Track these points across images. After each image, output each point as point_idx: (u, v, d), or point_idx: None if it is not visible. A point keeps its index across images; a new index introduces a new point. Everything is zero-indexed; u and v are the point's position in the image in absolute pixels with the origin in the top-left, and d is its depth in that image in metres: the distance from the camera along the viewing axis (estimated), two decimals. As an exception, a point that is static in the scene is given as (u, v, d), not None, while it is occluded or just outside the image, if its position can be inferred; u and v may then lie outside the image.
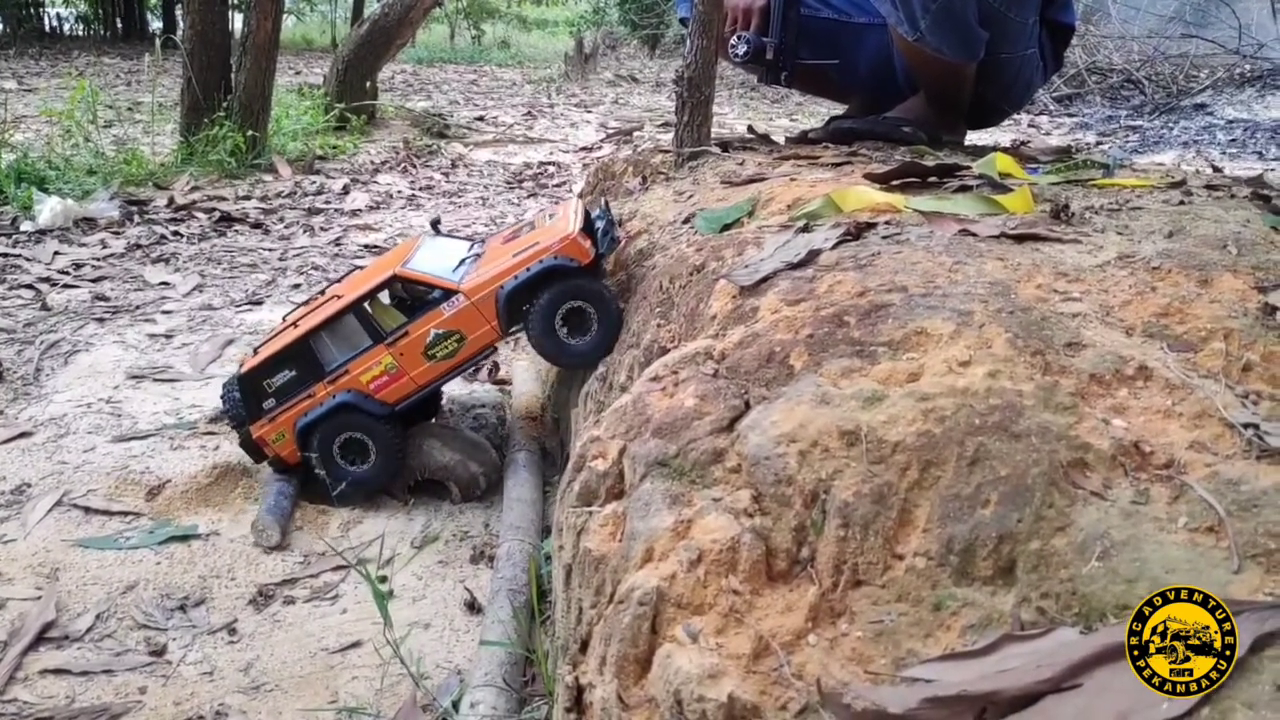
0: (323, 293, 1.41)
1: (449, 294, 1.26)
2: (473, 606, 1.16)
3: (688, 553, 0.63)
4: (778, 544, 0.64)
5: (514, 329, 1.30)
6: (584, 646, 0.69)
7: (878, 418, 0.65)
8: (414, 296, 1.34)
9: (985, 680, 0.49)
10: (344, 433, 1.31)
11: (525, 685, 0.95)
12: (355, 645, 1.09)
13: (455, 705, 0.96)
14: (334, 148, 4.12)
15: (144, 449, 1.50)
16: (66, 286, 2.27)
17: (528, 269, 1.23)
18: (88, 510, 1.33)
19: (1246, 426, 0.60)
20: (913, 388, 0.67)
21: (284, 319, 1.41)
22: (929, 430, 0.63)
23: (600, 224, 1.29)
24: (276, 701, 1.00)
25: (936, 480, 0.61)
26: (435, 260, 1.32)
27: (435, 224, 1.55)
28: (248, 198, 3.24)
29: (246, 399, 1.34)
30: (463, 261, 1.32)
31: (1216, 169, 1.63)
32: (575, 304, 1.23)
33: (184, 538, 1.28)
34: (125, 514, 1.33)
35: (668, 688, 0.58)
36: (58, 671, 1.02)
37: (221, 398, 1.40)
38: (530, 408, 1.65)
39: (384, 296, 1.37)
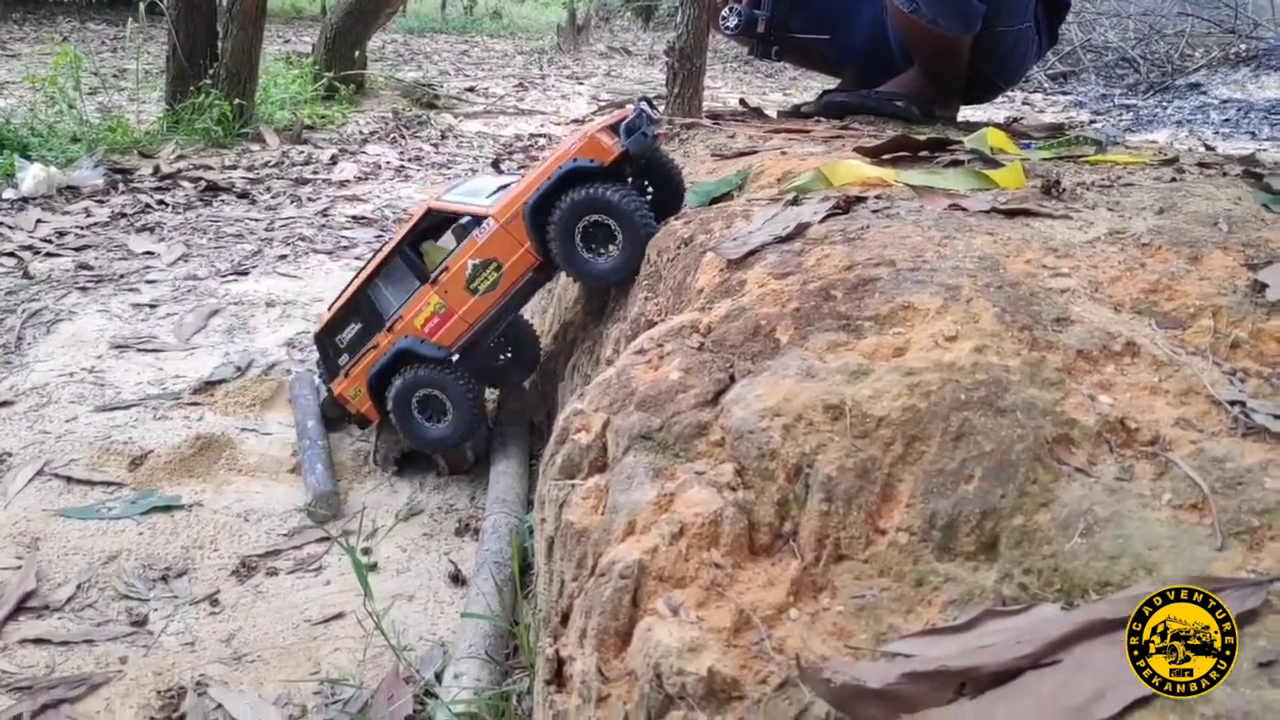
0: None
1: (479, 220, 1.22)
2: (457, 579, 1.16)
3: (670, 526, 0.63)
4: (760, 518, 0.63)
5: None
6: (565, 619, 0.69)
7: (863, 392, 0.65)
8: (461, 236, 1.28)
9: (965, 656, 0.49)
10: (420, 390, 1.27)
11: (508, 657, 0.95)
12: (338, 617, 1.08)
13: (438, 677, 0.96)
14: (322, 117, 4.07)
15: (127, 419, 1.49)
16: (49, 255, 2.24)
17: (548, 178, 1.18)
18: (69, 480, 1.32)
19: (1233, 404, 0.60)
20: (898, 362, 0.66)
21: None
22: (914, 405, 0.62)
23: (631, 120, 1.18)
24: (258, 672, 0.99)
25: (921, 455, 0.61)
26: (470, 193, 1.29)
27: (496, 163, 1.51)
28: (234, 167, 3.20)
29: (324, 357, 1.34)
30: (500, 188, 1.26)
31: (1209, 148, 1.63)
32: (595, 218, 1.16)
33: (166, 508, 1.27)
34: (107, 484, 1.32)
35: (647, 661, 0.58)
36: (38, 641, 1.01)
37: (316, 362, 1.42)
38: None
39: (448, 241, 1.32)
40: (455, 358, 1.28)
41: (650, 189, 1.28)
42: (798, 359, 0.70)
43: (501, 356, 1.50)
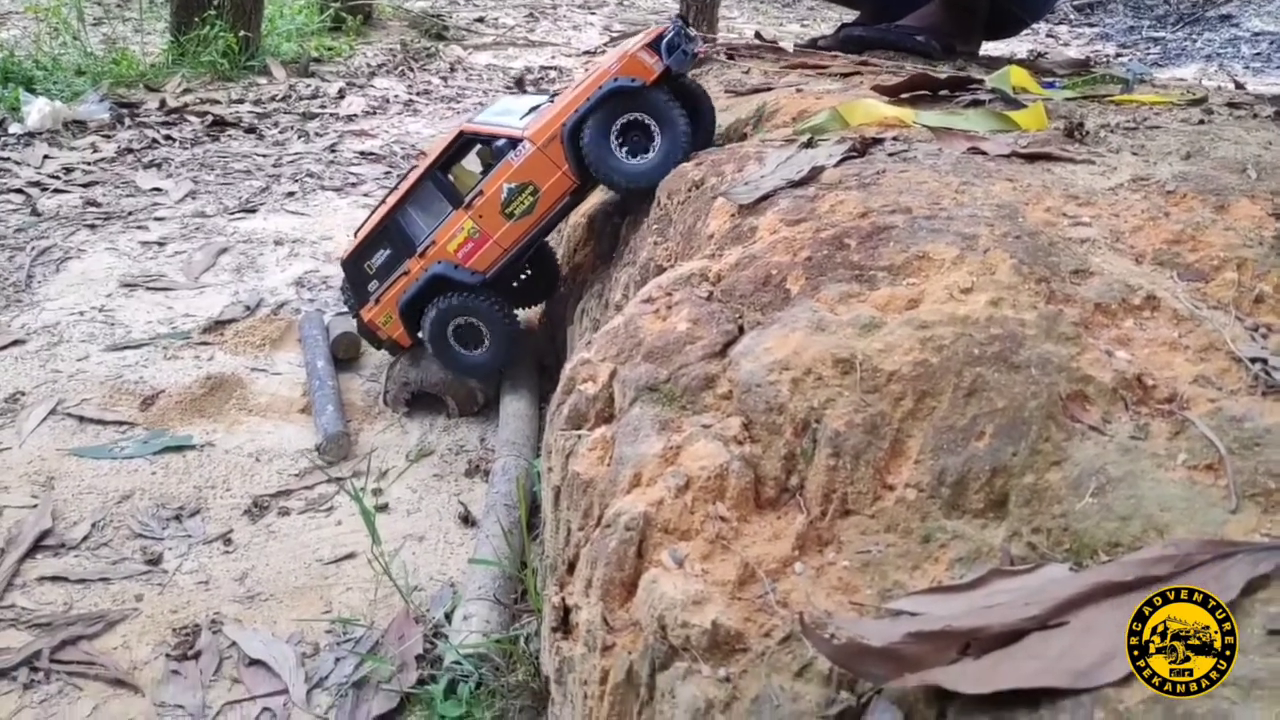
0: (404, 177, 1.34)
1: (515, 143, 1.19)
2: (467, 520, 1.16)
3: (675, 479, 0.63)
4: (767, 472, 0.63)
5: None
6: (571, 568, 0.69)
7: (874, 346, 0.63)
8: (496, 159, 1.25)
9: (971, 615, 0.49)
10: (456, 318, 1.26)
11: (516, 601, 0.96)
12: (349, 557, 1.09)
13: (448, 617, 0.97)
14: (329, 49, 4.00)
15: (138, 358, 1.49)
16: (57, 191, 2.22)
17: (588, 99, 1.15)
18: (82, 419, 1.33)
19: (1254, 361, 0.59)
20: (911, 315, 0.65)
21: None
22: (926, 360, 0.61)
23: (669, 38, 1.16)
24: (271, 611, 1.01)
25: (931, 411, 0.60)
26: (503, 114, 1.26)
27: (520, 82, 1.49)
28: (241, 101, 3.16)
29: (353, 284, 1.33)
30: (533, 109, 1.24)
31: (1239, 85, 1.57)
32: (634, 116, 1.14)
33: (179, 448, 1.28)
34: (119, 424, 1.33)
35: (652, 612, 0.58)
36: (55, 579, 1.03)
37: (342, 289, 1.41)
38: (529, 322, 1.63)
39: (471, 164, 1.30)
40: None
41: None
42: (808, 311, 0.69)
43: (521, 275, 1.48)
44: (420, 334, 1.30)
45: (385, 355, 1.47)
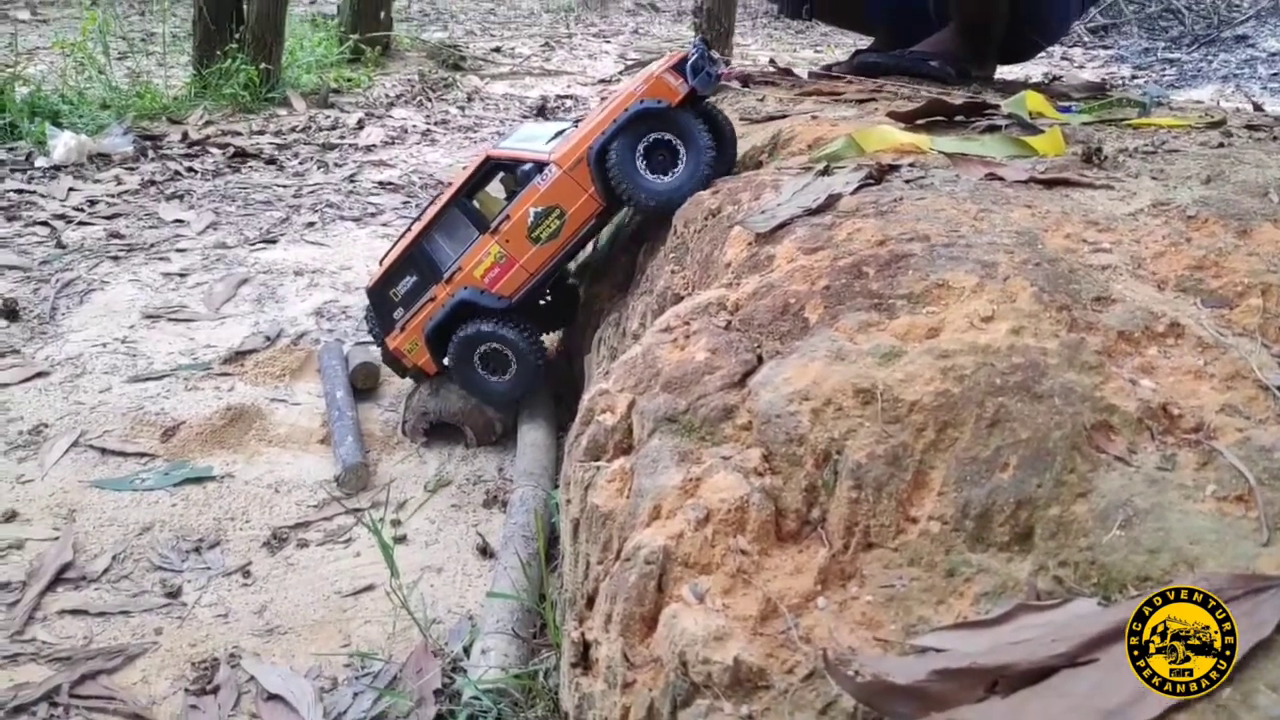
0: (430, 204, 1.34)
1: (541, 166, 1.20)
2: (485, 551, 1.16)
3: (695, 511, 0.62)
4: (788, 504, 0.62)
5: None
6: (590, 602, 0.68)
7: (894, 375, 0.63)
8: (522, 183, 1.26)
9: (997, 652, 0.48)
10: (482, 345, 1.26)
11: (535, 635, 0.95)
12: (368, 589, 1.09)
13: (466, 651, 0.96)
14: (348, 80, 4.05)
15: (159, 389, 1.51)
16: (81, 224, 2.26)
17: (614, 120, 1.16)
18: (104, 451, 1.34)
19: (1282, 389, 0.58)
20: (932, 344, 0.65)
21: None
22: (947, 390, 0.61)
23: (694, 59, 1.18)
24: (290, 644, 1.01)
25: (954, 442, 0.59)
26: (528, 140, 1.27)
27: (541, 109, 1.50)
28: (261, 132, 3.20)
29: (379, 312, 1.33)
30: (558, 134, 1.25)
31: (1258, 107, 1.57)
32: (660, 136, 1.15)
33: (199, 479, 1.28)
34: (141, 455, 1.34)
35: (673, 648, 0.57)
36: (75, 612, 1.03)
37: (365, 317, 1.41)
38: (547, 350, 1.63)
39: (496, 190, 1.31)
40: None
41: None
42: (827, 340, 0.68)
43: (541, 301, 1.47)
44: (446, 360, 1.30)
45: (404, 385, 1.48)
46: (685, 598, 0.59)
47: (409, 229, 1.31)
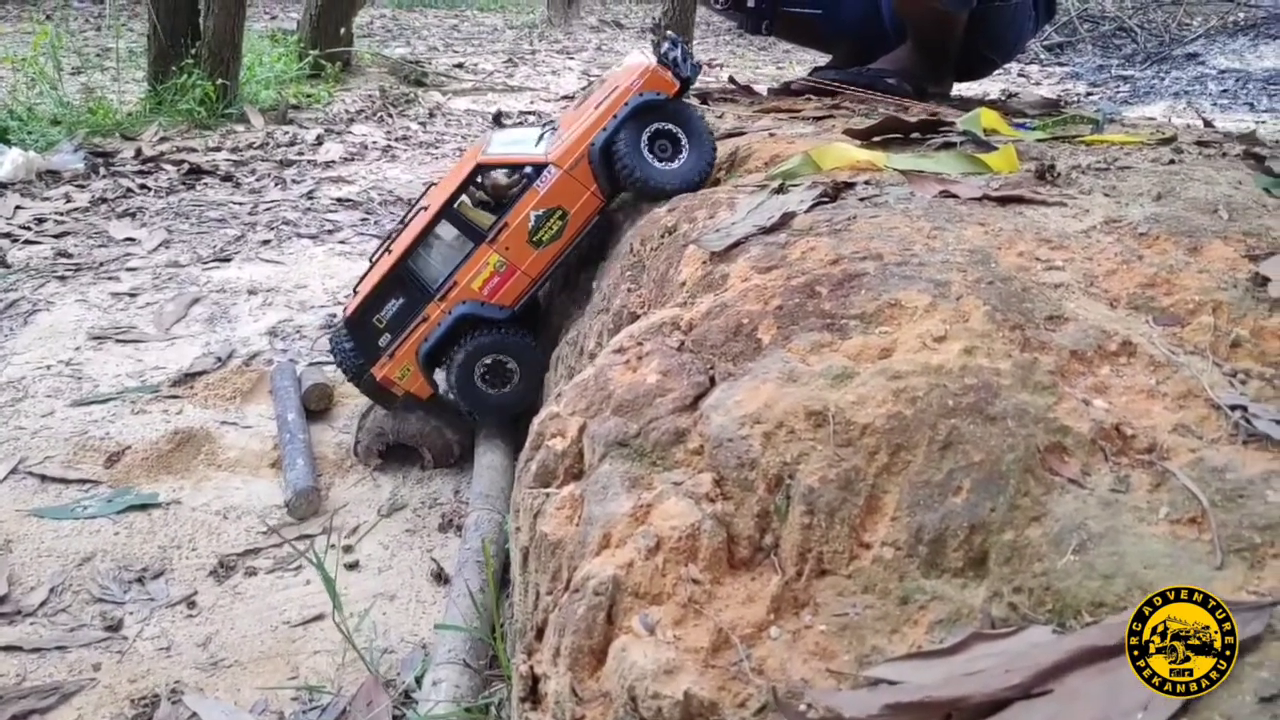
0: (404, 223, 1.30)
1: (539, 169, 1.18)
2: (440, 577, 1.13)
3: (646, 540, 0.60)
4: (740, 530, 0.61)
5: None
6: (540, 634, 0.66)
7: (846, 398, 0.62)
8: (497, 195, 1.23)
9: (951, 684, 0.46)
10: (485, 357, 1.23)
11: (488, 665, 0.92)
12: (318, 618, 1.06)
13: (418, 681, 0.94)
14: (308, 96, 4.01)
15: (104, 413, 1.46)
16: (28, 243, 2.20)
17: (615, 116, 1.17)
18: (44, 478, 1.29)
19: (1234, 409, 0.57)
20: (884, 365, 0.64)
21: (373, 256, 1.30)
22: (900, 412, 0.60)
23: (674, 54, 1.20)
24: (235, 678, 0.97)
25: (906, 465, 0.58)
26: (513, 144, 1.25)
27: (498, 118, 1.47)
28: (218, 149, 3.15)
29: (361, 342, 1.26)
30: (541, 138, 1.24)
31: (1208, 123, 1.59)
32: (661, 126, 1.17)
33: (143, 506, 1.24)
34: (83, 482, 1.29)
35: (622, 682, 0.55)
36: (8, 648, 0.99)
37: (331, 351, 1.33)
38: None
39: (467, 200, 1.27)
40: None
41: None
42: (780, 361, 0.67)
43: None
44: (447, 380, 1.26)
45: (358, 406, 1.45)
46: (635, 629, 0.57)
47: (386, 250, 1.26)
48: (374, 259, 1.28)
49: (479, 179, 1.21)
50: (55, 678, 0.96)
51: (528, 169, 1.19)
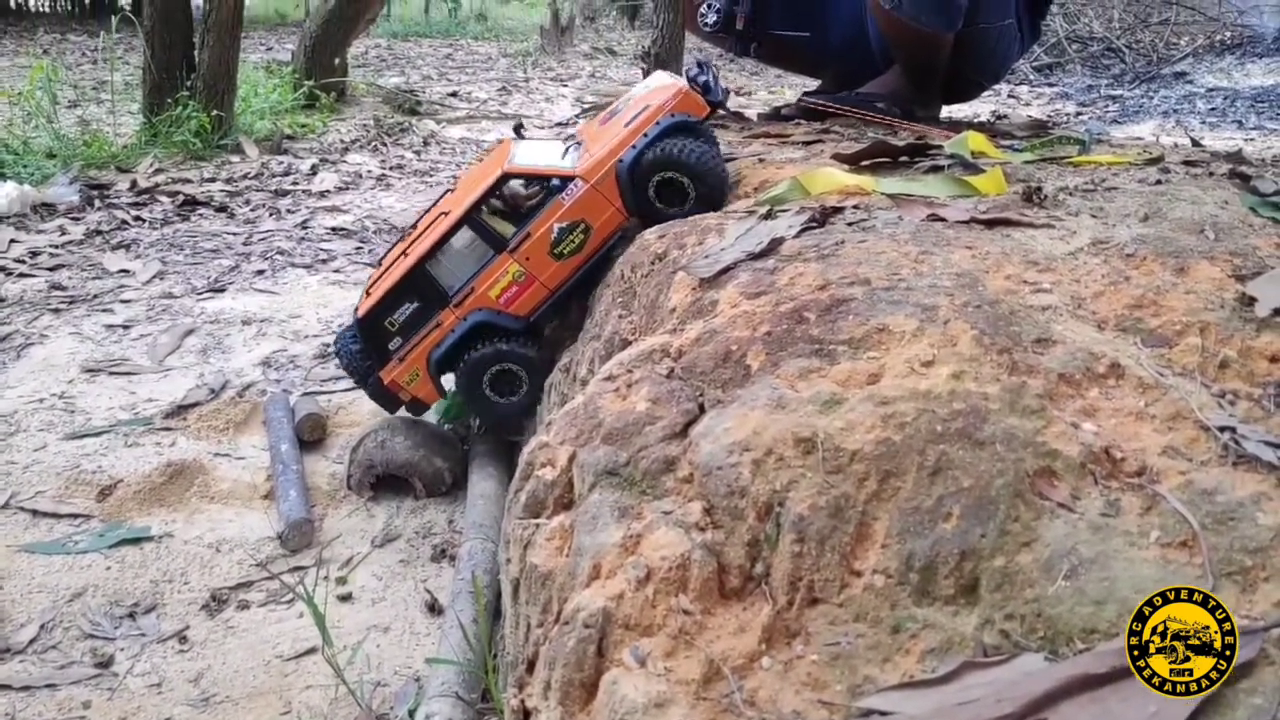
0: (413, 227, 1.29)
1: (565, 182, 1.18)
2: (434, 608, 1.12)
3: (636, 570, 0.60)
4: (730, 560, 0.60)
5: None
6: (530, 667, 0.66)
7: (835, 424, 0.62)
8: (514, 205, 1.24)
9: (943, 714, 0.46)
10: (494, 365, 1.22)
11: (482, 698, 0.92)
12: (311, 651, 1.05)
13: (411, 714, 0.93)
14: (303, 126, 4.03)
15: (97, 446, 1.45)
16: (22, 276, 2.20)
17: (644, 134, 1.17)
18: (36, 513, 1.28)
19: (1223, 430, 0.57)
20: (873, 390, 0.64)
21: (381, 259, 1.29)
22: (889, 438, 0.59)
23: (704, 78, 1.21)
24: (226, 714, 0.96)
25: (896, 492, 0.58)
26: (538, 155, 1.24)
27: (518, 129, 1.45)
28: (213, 180, 3.16)
29: (370, 344, 1.25)
30: (567, 151, 1.24)
31: (1196, 142, 1.60)
32: (671, 174, 1.18)
33: (135, 540, 1.23)
34: (75, 516, 1.28)
35: (613, 716, 0.55)
36: (-2, 687, 0.98)
37: (336, 353, 1.32)
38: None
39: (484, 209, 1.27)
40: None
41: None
42: (768, 388, 0.67)
43: None
44: (453, 384, 1.25)
45: (353, 437, 1.44)
46: (626, 662, 0.57)
47: (401, 253, 1.24)
48: (384, 261, 1.27)
49: (502, 188, 1.21)
50: (45, 717, 0.95)
51: (554, 181, 1.19)
